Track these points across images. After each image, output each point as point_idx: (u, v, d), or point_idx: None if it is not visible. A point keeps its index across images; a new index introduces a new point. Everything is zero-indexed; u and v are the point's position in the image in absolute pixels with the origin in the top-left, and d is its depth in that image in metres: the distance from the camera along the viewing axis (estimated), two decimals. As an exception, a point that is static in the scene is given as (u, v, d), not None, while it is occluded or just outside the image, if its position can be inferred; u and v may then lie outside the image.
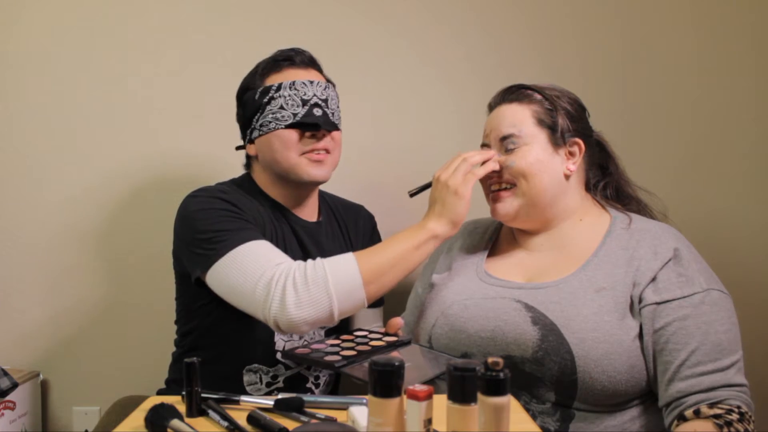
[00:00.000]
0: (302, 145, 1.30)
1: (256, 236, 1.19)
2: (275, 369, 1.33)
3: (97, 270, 1.73)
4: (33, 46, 1.73)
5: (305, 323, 1.12)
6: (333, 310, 1.12)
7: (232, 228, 1.19)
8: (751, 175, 1.73)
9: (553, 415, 1.10)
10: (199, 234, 1.21)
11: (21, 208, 1.75)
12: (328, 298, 1.11)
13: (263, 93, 1.30)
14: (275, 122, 1.29)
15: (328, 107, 1.32)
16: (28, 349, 1.76)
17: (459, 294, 1.23)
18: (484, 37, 1.74)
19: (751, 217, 1.73)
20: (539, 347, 1.10)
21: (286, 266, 1.13)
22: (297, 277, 1.11)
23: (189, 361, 0.93)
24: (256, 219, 1.28)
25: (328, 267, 1.12)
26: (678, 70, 1.74)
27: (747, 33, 1.72)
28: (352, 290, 1.12)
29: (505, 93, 1.26)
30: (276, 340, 1.32)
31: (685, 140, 1.74)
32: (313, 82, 1.30)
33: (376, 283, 1.13)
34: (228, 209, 1.23)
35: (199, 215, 1.23)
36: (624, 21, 1.74)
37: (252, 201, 1.32)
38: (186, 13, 1.74)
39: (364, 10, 1.74)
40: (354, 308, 1.15)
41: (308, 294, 1.10)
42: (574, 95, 1.27)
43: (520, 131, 1.20)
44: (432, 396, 0.77)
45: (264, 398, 0.99)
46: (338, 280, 1.11)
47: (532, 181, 1.19)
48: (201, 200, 1.26)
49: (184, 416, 0.93)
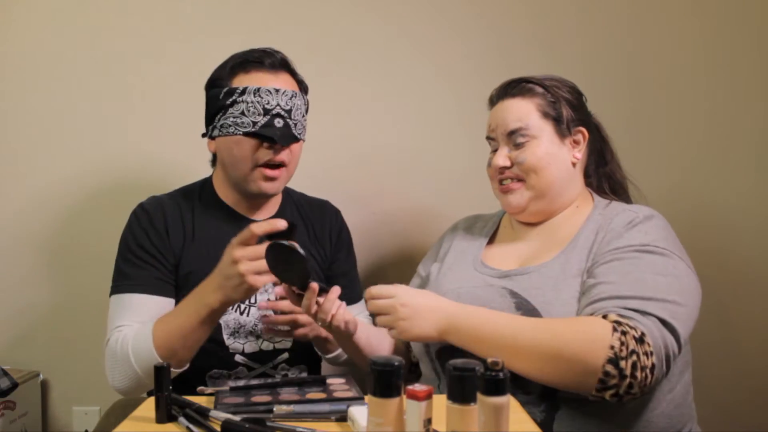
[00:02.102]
0: (258, 155, 1.29)
1: (136, 287, 1.28)
2: (237, 371, 1.33)
3: (97, 270, 1.73)
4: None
5: (120, 391, 1.24)
6: (143, 381, 1.20)
7: (127, 272, 1.29)
8: (755, 170, 1.73)
9: (538, 405, 1.10)
10: (116, 259, 1.33)
11: (18, 199, 1.75)
12: (134, 372, 1.20)
13: (227, 94, 1.28)
14: (234, 127, 1.28)
15: (291, 118, 1.30)
16: (28, 349, 1.76)
17: (453, 283, 1.25)
18: (486, 35, 1.74)
19: (754, 211, 1.73)
20: None
21: (116, 335, 1.24)
22: (112, 348, 1.23)
23: (159, 365, 0.93)
24: (171, 248, 1.31)
25: (131, 344, 1.20)
26: (681, 68, 1.73)
27: (752, 26, 1.72)
28: (153, 363, 1.15)
29: (507, 87, 1.27)
30: (229, 343, 1.31)
31: (689, 137, 1.74)
32: (279, 90, 1.28)
33: (174, 359, 1.18)
34: (137, 248, 1.30)
35: (121, 242, 1.33)
36: (628, 16, 1.74)
37: (191, 214, 1.35)
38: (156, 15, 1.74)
39: (364, 9, 1.74)
40: None
41: (118, 368, 1.22)
42: (570, 83, 1.28)
43: (527, 125, 1.22)
44: (432, 396, 0.77)
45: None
46: (140, 360, 1.19)
47: (542, 174, 1.21)
48: (130, 224, 1.34)
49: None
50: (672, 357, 1.04)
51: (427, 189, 1.76)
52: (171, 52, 1.73)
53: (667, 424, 1.11)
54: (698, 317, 1.11)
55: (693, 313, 1.09)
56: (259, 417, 0.91)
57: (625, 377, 0.99)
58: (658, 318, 1.03)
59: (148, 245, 1.30)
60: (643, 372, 0.99)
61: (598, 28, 1.74)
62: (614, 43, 1.74)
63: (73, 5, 1.73)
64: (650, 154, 1.71)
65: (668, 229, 1.18)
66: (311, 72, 1.37)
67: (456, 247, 1.35)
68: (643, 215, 1.16)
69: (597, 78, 1.68)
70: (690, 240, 1.25)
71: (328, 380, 1.10)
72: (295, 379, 1.28)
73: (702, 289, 1.14)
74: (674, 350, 1.04)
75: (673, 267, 1.10)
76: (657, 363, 1.01)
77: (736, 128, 1.73)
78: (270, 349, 1.35)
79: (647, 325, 1.02)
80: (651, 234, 1.13)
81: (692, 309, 1.09)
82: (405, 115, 1.75)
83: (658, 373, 1.02)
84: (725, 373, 1.71)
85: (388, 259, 1.76)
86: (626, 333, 1.00)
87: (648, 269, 1.08)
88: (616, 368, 0.99)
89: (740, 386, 1.71)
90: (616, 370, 0.99)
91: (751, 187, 1.73)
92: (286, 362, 1.36)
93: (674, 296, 1.06)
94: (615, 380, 0.99)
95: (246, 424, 0.87)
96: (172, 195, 1.39)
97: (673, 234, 1.18)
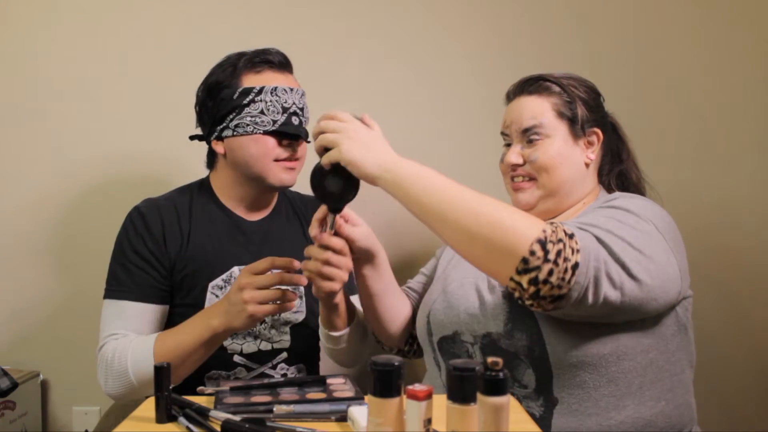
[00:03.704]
0: (279, 151, 1.31)
1: (129, 294, 1.29)
2: (235, 372, 1.33)
3: (97, 270, 1.73)
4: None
5: (112, 396, 1.25)
6: (139, 391, 1.22)
7: (121, 277, 1.30)
8: (758, 167, 1.74)
9: (536, 400, 1.10)
10: (110, 261, 1.34)
11: (18, 200, 1.75)
12: (130, 383, 1.22)
13: (243, 94, 1.29)
14: (254, 126, 1.29)
15: (304, 116, 1.34)
16: (28, 349, 1.76)
17: (459, 273, 1.25)
18: (491, 34, 1.74)
19: (758, 209, 1.73)
20: (508, 319, 1.12)
21: (112, 345, 1.24)
22: (107, 357, 1.23)
23: (159, 365, 0.94)
24: (167, 252, 1.32)
25: (131, 358, 1.21)
26: (685, 67, 1.74)
27: (757, 24, 1.72)
28: (151, 376, 1.18)
29: (524, 84, 1.27)
30: (227, 344, 1.32)
31: (693, 135, 1.74)
32: (293, 89, 1.32)
33: (173, 374, 1.17)
34: (132, 253, 1.31)
35: (116, 245, 1.34)
36: (632, 15, 1.74)
37: (188, 215, 1.36)
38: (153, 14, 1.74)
39: (365, 8, 1.74)
40: None
41: (113, 377, 1.22)
42: (589, 83, 1.28)
43: (542, 123, 1.22)
44: (432, 396, 0.77)
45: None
46: (139, 374, 1.20)
47: (553, 173, 1.21)
48: (126, 228, 1.34)
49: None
50: (606, 279, 0.98)
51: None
52: (170, 51, 1.74)
53: (667, 425, 1.11)
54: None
55: (651, 267, 1.03)
56: (259, 417, 0.91)
57: (549, 261, 0.94)
58: (595, 235, 1.00)
59: (144, 251, 1.30)
60: (566, 263, 0.94)
61: (601, 28, 1.74)
62: (618, 43, 1.74)
63: (68, 4, 1.73)
64: (651, 154, 1.71)
65: (661, 212, 1.14)
66: (312, 70, 1.38)
67: None
68: (639, 197, 1.15)
69: (599, 78, 1.68)
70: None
71: (328, 380, 1.10)
72: (295, 379, 1.28)
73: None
74: (609, 272, 0.99)
75: (644, 226, 1.07)
76: (582, 264, 0.96)
77: (741, 126, 1.74)
78: (268, 349, 1.35)
79: (581, 235, 0.99)
80: (635, 202, 1.11)
81: (649, 262, 1.03)
82: (408, 114, 1.75)
83: (582, 279, 0.96)
84: (732, 374, 1.71)
85: (390, 259, 1.75)
86: (557, 227, 0.97)
87: (611, 217, 1.06)
88: (543, 249, 0.94)
89: (750, 388, 1.71)
90: (543, 251, 0.94)
91: (757, 181, 1.73)
92: (284, 362, 1.36)
93: (627, 238, 1.02)
94: (538, 261, 0.94)
95: (246, 424, 0.87)
96: (168, 196, 1.39)
97: (668, 219, 1.14)
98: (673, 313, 1.14)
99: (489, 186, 1.32)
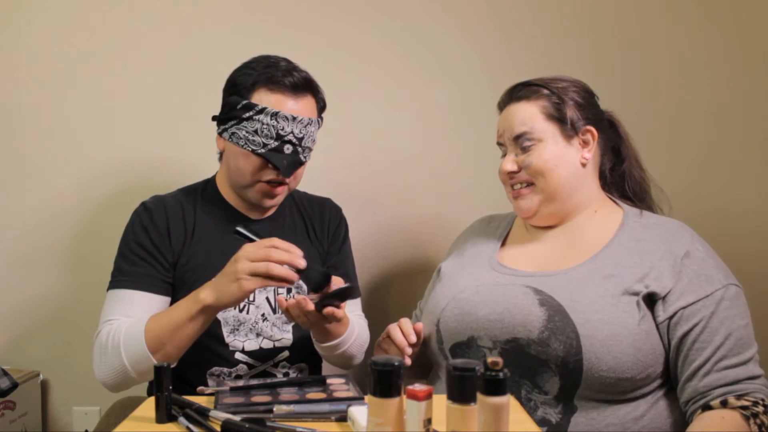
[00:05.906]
0: (263, 173, 1.31)
1: (131, 283, 1.29)
2: (237, 369, 1.33)
3: (98, 270, 1.73)
4: None
5: (106, 384, 1.24)
6: (129, 374, 1.20)
7: (124, 269, 1.30)
8: (762, 172, 1.74)
9: (555, 406, 1.10)
10: (116, 256, 1.34)
11: (19, 200, 1.75)
12: (121, 364, 1.20)
13: (245, 108, 1.29)
14: (245, 142, 1.29)
15: (301, 145, 1.31)
16: (28, 349, 1.76)
17: (472, 281, 1.25)
18: (494, 36, 1.74)
19: (762, 213, 1.74)
20: (545, 327, 1.11)
21: (107, 328, 1.23)
22: (102, 340, 1.22)
23: (159, 365, 0.93)
24: (171, 247, 1.32)
25: (123, 336, 1.20)
26: (688, 68, 1.74)
27: (761, 28, 1.72)
28: (142, 359, 1.18)
29: (512, 92, 1.27)
30: (229, 341, 1.32)
31: (696, 136, 1.74)
32: (296, 118, 1.29)
33: (160, 351, 1.17)
34: (136, 246, 1.31)
35: (122, 240, 1.34)
36: (635, 18, 1.74)
37: (193, 212, 1.36)
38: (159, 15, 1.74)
39: (365, 8, 1.74)
40: (150, 370, 1.17)
41: (106, 360, 1.21)
42: (580, 82, 1.28)
43: (532, 128, 1.21)
44: (432, 396, 0.77)
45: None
46: (129, 350, 1.19)
47: (549, 176, 1.21)
48: (132, 222, 1.34)
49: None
50: None
51: (433, 192, 1.76)
52: (177, 52, 1.73)
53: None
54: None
55: None
56: (259, 417, 0.91)
57: None
58: (760, 375, 1.10)
59: (148, 243, 1.31)
60: None
61: (603, 28, 1.74)
62: (619, 43, 1.74)
63: (76, 6, 1.73)
64: (655, 159, 1.71)
65: (708, 248, 1.20)
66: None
67: (471, 247, 1.35)
68: (686, 245, 1.17)
69: (602, 78, 1.68)
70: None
71: (328, 380, 1.10)
72: (295, 379, 1.28)
73: None
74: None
75: (743, 302, 1.15)
76: None
77: (745, 131, 1.73)
78: (270, 347, 1.35)
79: (761, 390, 1.08)
80: (709, 271, 1.15)
81: None
82: (411, 118, 1.75)
83: None
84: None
85: (393, 262, 1.76)
86: (757, 415, 1.05)
87: (735, 321, 1.12)
88: None
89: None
90: None
91: (761, 184, 1.73)
92: (286, 360, 1.36)
93: (754, 340, 1.13)
94: None
95: (246, 424, 0.87)
96: (174, 194, 1.41)
97: (708, 246, 1.20)
98: None
99: (498, 190, 1.33)
